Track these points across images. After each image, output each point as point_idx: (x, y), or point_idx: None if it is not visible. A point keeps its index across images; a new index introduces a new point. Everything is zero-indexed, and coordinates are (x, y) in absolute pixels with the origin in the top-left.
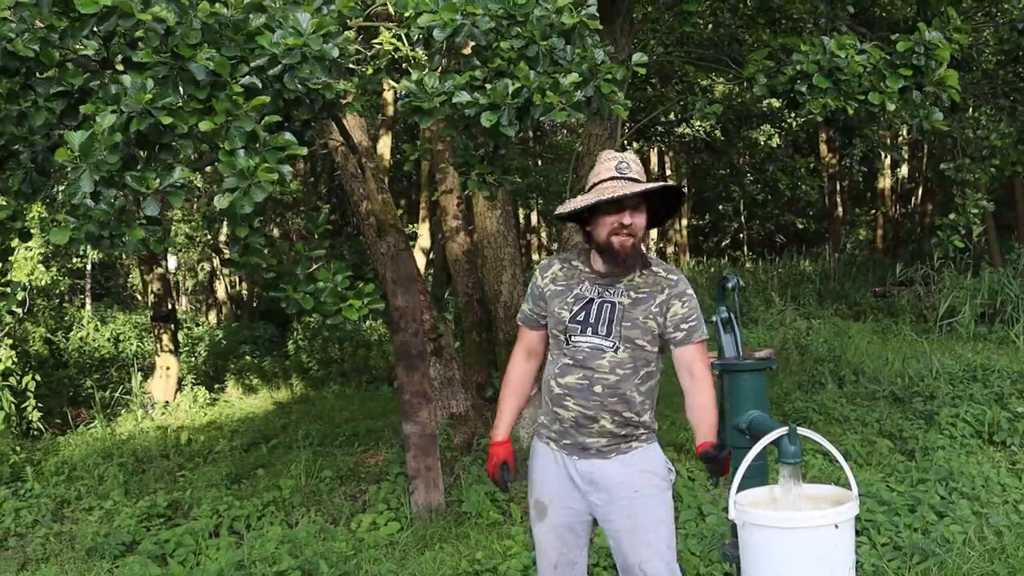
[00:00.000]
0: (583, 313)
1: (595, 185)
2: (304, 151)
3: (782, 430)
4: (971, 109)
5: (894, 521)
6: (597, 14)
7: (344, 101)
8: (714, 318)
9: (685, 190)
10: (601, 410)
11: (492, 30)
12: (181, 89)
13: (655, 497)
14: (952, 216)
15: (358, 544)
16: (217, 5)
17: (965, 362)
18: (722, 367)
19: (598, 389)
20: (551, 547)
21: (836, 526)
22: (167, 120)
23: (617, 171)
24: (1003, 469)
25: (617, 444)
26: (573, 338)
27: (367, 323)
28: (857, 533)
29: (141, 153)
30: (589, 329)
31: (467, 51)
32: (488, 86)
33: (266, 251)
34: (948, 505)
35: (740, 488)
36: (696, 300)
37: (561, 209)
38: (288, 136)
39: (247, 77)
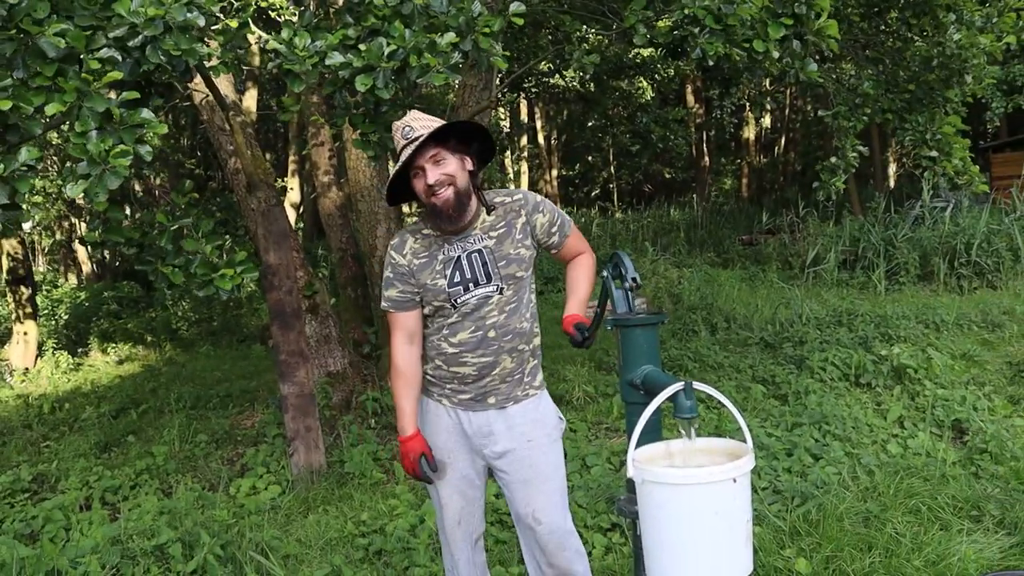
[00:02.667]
0: (457, 273)
1: (397, 161)
2: (164, 129)
3: (678, 385)
4: (839, 60)
5: (773, 465)
6: None
7: (209, 64)
8: (604, 273)
9: (472, 121)
10: (500, 353)
11: None
12: (29, 66)
13: (548, 446)
14: (833, 159)
15: (239, 510)
16: None
17: (831, 307)
18: (614, 322)
19: (492, 334)
20: (453, 503)
21: (734, 480)
22: (6, 104)
23: (404, 137)
24: (870, 410)
25: (514, 392)
26: (459, 300)
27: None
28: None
29: None
30: (472, 284)
31: (339, 3)
32: (362, 46)
33: (127, 224)
34: (823, 447)
35: (637, 444)
36: (548, 201)
37: (384, 201)
38: (146, 113)
39: (104, 49)
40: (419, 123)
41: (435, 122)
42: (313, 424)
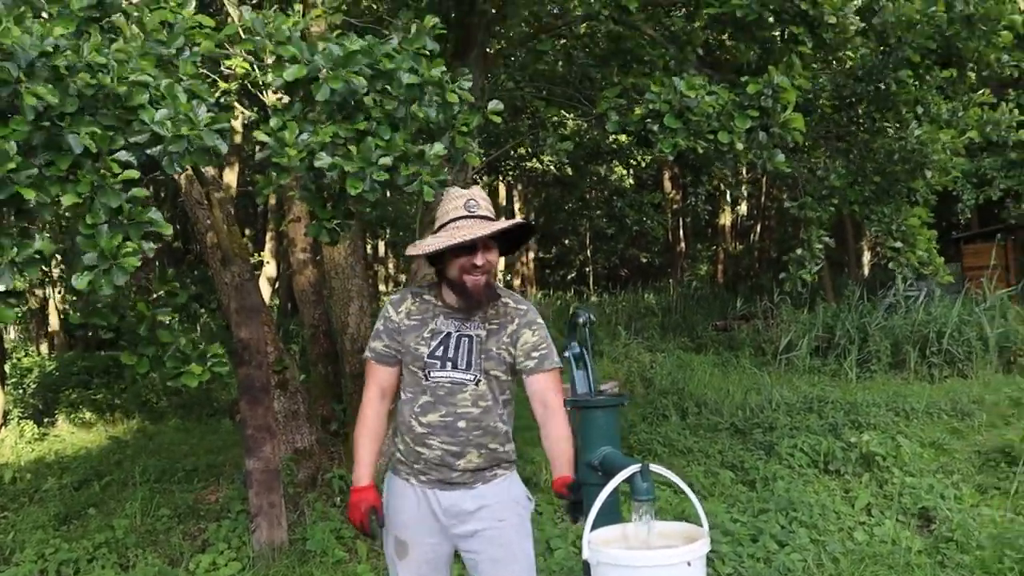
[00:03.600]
0: (441, 348)
1: (445, 224)
2: (170, 230)
3: (634, 467)
4: (809, 151)
5: (738, 551)
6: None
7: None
8: (566, 354)
9: (533, 222)
10: (467, 445)
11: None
12: (48, 156)
13: (519, 526)
14: (799, 251)
15: None
16: (99, 75)
17: (802, 394)
18: (574, 403)
19: (462, 424)
20: None
21: (688, 563)
22: (30, 194)
23: (467, 209)
24: (838, 497)
25: (483, 473)
26: (432, 374)
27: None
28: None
29: None
30: (449, 364)
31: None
32: (352, 148)
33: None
34: (788, 534)
35: (594, 526)
36: (546, 329)
37: (414, 251)
38: (155, 214)
39: (122, 152)
40: (484, 203)
41: (491, 207)
42: (277, 500)
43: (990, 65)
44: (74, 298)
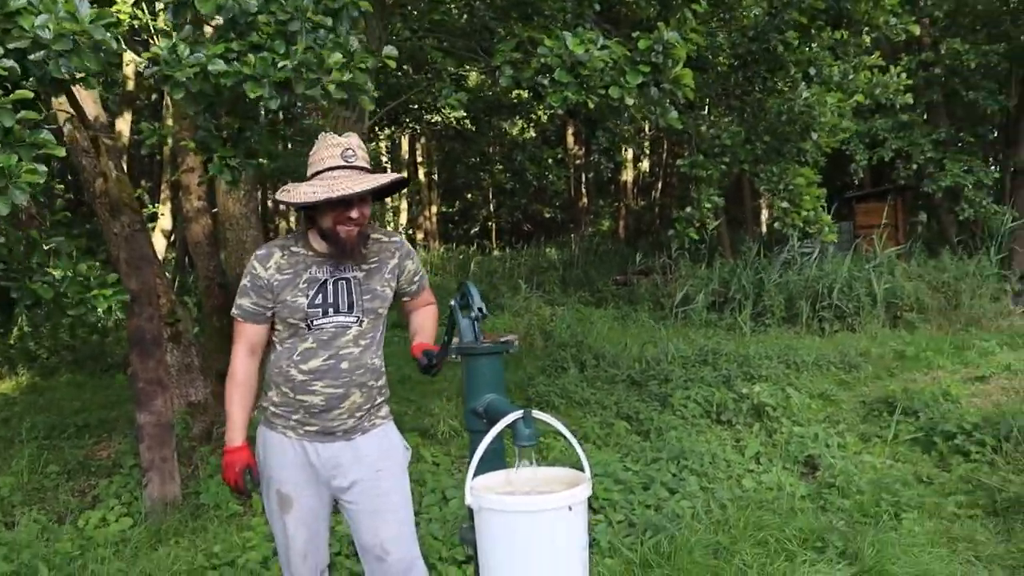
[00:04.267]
0: (320, 295)
1: (321, 172)
2: (63, 152)
3: (517, 413)
4: (706, 108)
5: (629, 499)
6: None
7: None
8: (452, 302)
9: (406, 177)
10: (351, 386)
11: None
12: None
13: (397, 476)
14: (688, 209)
15: (85, 543)
16: None
17: (697, 347)
18: (459, 351)
19: (345, 365)
20: (300, 537)
21: (569, 508)
22: None
23: (343, 159)
24: (728, 446)
25: (361, 423)
26: (315, 322)
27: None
28: (594, 512)
29: None
30: (331, 309)
31: (220, 20)
32: (250, 56)
33: None
34: (679, 482)
35: (477, 472)
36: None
37: (285, 197)
38: (47, 135)
39: (5, 60)
40: (360, 152)
41: (367, 156)
42: (169, 455)
43: (879, 28)
44: None
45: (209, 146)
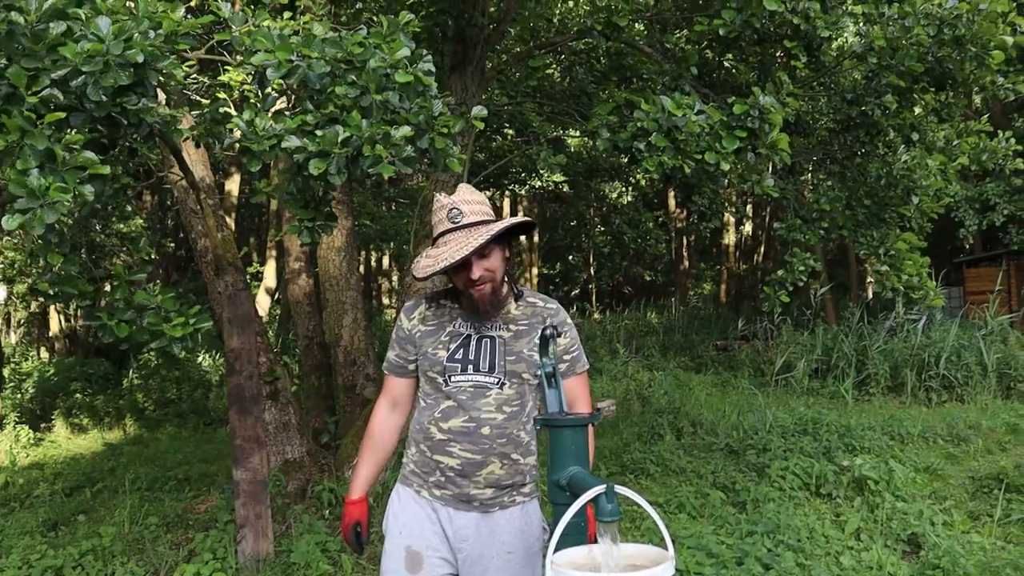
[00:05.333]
0: (461, 351)
1: (436, 239)
2: (107, 170)
3: (599, 488)
4: (807, 173)
5: (721, 574)
6: (433, 70)
7: (176, 127)
8: (538, 371)
9: (527, 219)
10: (490, 454)
11: (327, 74)
12: None
13: (529, 559)
14: (780, 272)
15: None
16: (13, 13)
17: (797, 416)
18: (544, 422)
19: (485, 431)
20: None
21: None
22: None
23: (450, 221)
24: (827, 521)
25: (501, 497)
26: (453, 378)
27: (206, 361)
28: None
29: None
30: (470, 367)
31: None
32: (319, 132)
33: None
34: (774, 557)
35: (560, 546)
36: (576, 330)
37: (415, 272)
38: (89, 154)
39: (47, 90)
40: (468, 208)
41: (483, 207)
42: (263, 511)
43: (986, 88)
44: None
45: (288, 205)
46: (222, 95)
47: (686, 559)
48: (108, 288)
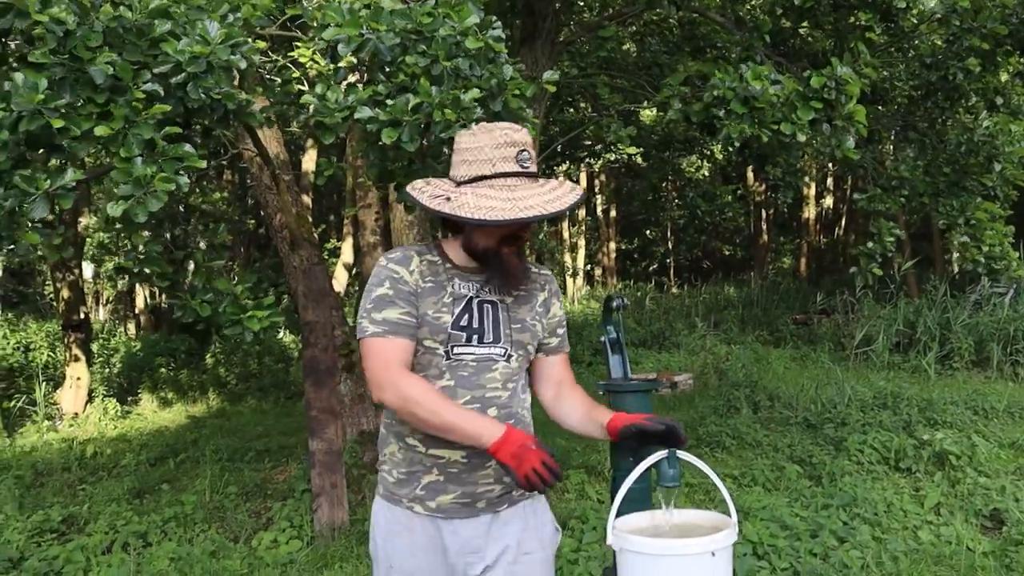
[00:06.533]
0: (466, 316)
1: (489, 178)
2: (203, 164)
3: (661, 453)
4: (886, 141)
5: (795, 546)
6: (503, 36)
7: (250, 111)
8: (602, 339)
9: (583, 191)
10: None
11: (398, 45)
12: (78, 92)
13: (544, 561)
14: (870, 244)
15: (255, 562)
16: (121, 8)
17: (876, 390)
18: (607, 387)
19: (492, 412)
20: None
21: (713, 554)
22: (59, 123)
23: (519, 164)
24: (906, 495)
25: (509, 489)
26: (455, 350)
27: (287, 337)
28: (758, 558)
29: (34, 154)
30: (475, 336)
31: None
32: (389, 101)
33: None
34: (849, 531)
35: (621, 512)
36: None
37: (448, 209)
38: (187, 147)
39: (149, 83)
40: (532, 151)
41: (534, 167)
42: (339, 481)
43: None
44: (128, 249)
45: (387, 176)
46: (295, 74)
47: (759, 531)
48: (190, 269)
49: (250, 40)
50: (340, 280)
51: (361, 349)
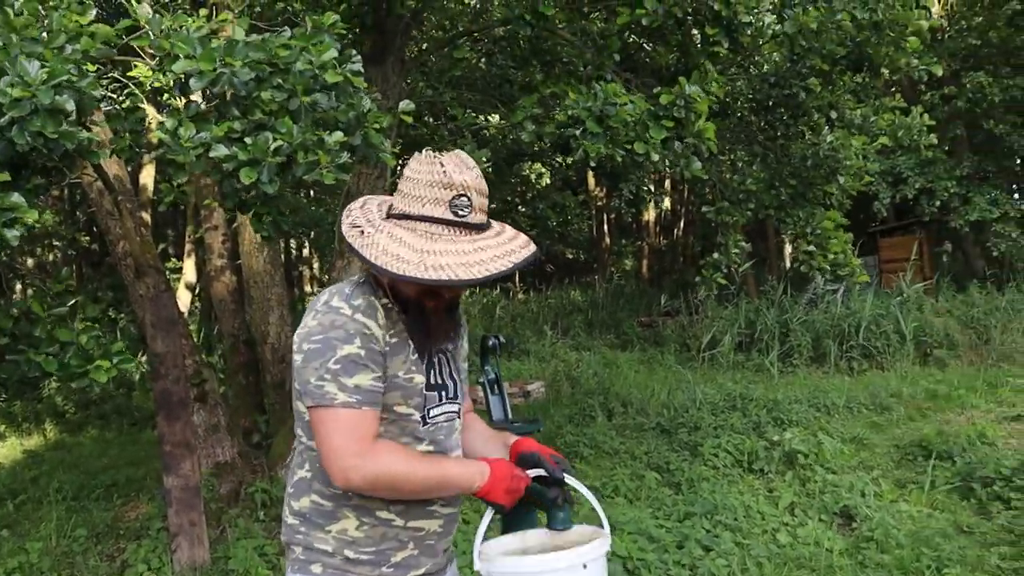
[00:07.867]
0: (431, 372)
1: (411, 218)
2: (35, 216)
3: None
4: (730, 155)
5: (664, 559)
6: (362, 71)
7: (92, 149)
8: (480, 379)
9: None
10: (456, 501)
11: (253, 79)
12: None
13: None
14: (716, 255)
15: None
16: None
17: (725, 392)
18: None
19: None
20: None
21: (584, 566)
22: None
23: (453, 211)
24: (761, 497)
25: (448, 549)
26: (431, 412)
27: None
28: (629, 573)
29: None
30: (443, 393)
31: (227, 96)
32: (248, 140)
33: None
34: (713, 539)
35: (487, 538)
36: None
37: (365, 253)
38: (16, 198)
39: None
40: (478, 201)
41: (485, 199)
42: (197, 518)
43: (901, 69)
44: None
45: (242, 206)
46: (138, 95)
47: (627, 545)
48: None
49: (88, 73)
50: (183, 301)
51: (320, 417)
